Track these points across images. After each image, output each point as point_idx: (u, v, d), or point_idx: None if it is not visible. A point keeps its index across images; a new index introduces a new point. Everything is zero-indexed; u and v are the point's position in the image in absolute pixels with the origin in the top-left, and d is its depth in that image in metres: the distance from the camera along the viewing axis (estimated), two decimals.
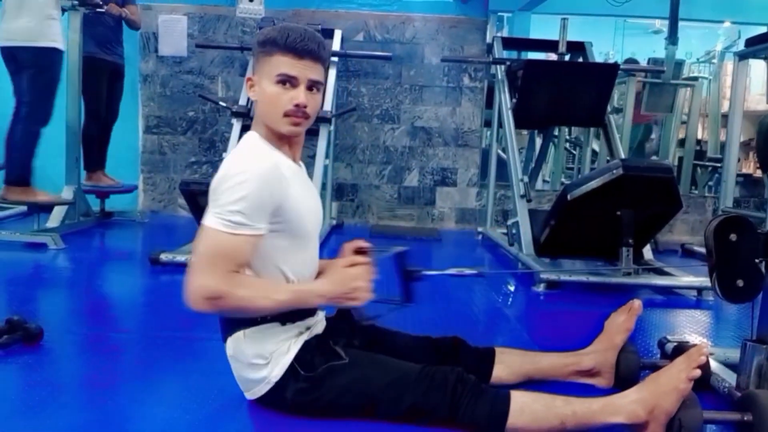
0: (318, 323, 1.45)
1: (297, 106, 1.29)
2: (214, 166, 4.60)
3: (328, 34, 4.19)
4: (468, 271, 2.59)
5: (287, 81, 1.29)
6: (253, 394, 1.37)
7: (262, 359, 1.33)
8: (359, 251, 1.41)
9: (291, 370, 1.32)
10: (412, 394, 1.30)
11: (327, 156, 3.93)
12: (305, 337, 1.37)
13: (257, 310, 1.28)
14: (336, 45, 4.15)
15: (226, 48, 4.36)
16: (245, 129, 3.61)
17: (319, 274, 1.42)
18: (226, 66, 4.66)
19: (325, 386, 1.32)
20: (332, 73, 3.93)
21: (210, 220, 1.24)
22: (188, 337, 1.92)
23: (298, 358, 1.32)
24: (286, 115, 1.30)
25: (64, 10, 3.46)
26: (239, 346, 1.34)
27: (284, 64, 1.28)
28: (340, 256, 1.43)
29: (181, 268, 2.82)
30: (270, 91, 1.30)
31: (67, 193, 3.65)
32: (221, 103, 3.99)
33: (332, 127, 4.05)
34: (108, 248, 3.82)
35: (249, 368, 1.35)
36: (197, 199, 2.95)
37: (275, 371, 1.32)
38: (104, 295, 2.66)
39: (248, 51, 3.95)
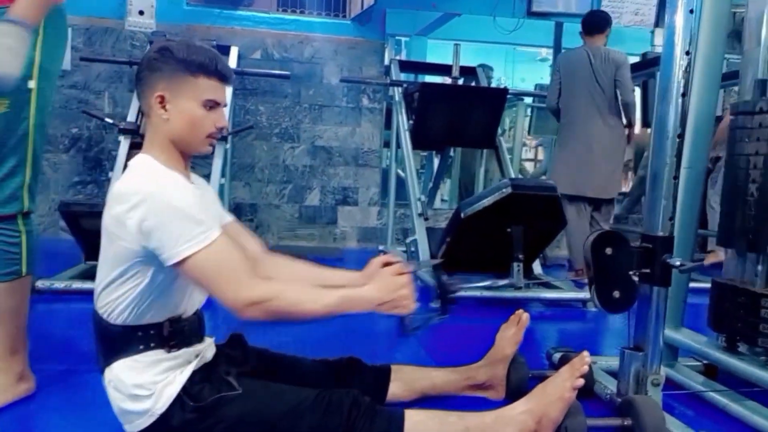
0: (207, 350, 1.38)
1: (219, 128, 1.33)
2: (100, 185, 4.34)
3: (224, 50, 4.09)
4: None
5: (213, 106, 1.32)
6: (134, 426, 1.28)
7: (145, 390, 1.25)
8: (388, 265, 1.38)
9: (178, 402, 1.25)
10: (309, 421, 1.27)
11: (223, 175, 3.82)
12: (193, 366, 1.30)
13: (307, 313, 1.26)
14: (232, 62, 4.06)
15: (114, 62, 4.15)
16: (134, 147, 3.43)
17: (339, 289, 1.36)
18: (113, 81, 4.43)
19: (216, 417, 1.25)
20: (228, 90, 3.83)
21: (180, 251, 1.18)
22: (66, 369, 1.79)
23: (185, 388, 1.26)
24: (209, 136, 1.32)
25: None
26: (119, 375, 1.26)
27: (212, 89, 1.31)
28: (367, 269, 1.41)
29: (59, 295, 2.63)
30: (196, 114, 1.30)
31: None
32: (107, 119, 3.76)
33: (229, 146, 3.94)
34: None
35: (129, 400, 1.26)
36: (79, 221, 2.76)
37: (159, 403, 1.25)
38: None
39: (138, 66, 3.77)
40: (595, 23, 3.47)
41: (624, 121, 3.46)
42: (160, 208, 1.19)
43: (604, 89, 3.37)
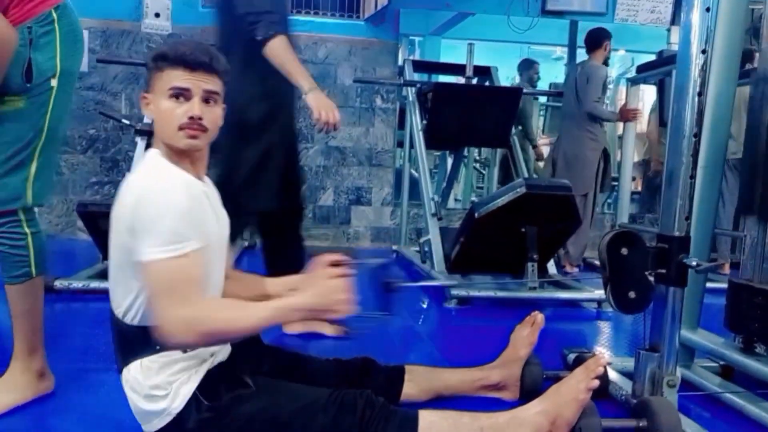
0: (222, 349, 1.39)
1: (191, 118, 1.26)
2: (117, 186, 4.36)
3: None
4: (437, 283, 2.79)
5: (180, 94, 1.26)
6: (151, 426, 1.29)
7: (161, 390, 1.26)
8: (334, 264, 1.34)
9: (193, 401, 1.26)
10: (322, 420, 1.27)
11: None
12: (208, 365, 1.31)
13: (239, 331, 1.24)
14: None
15: (130, 63, 4.19)
16: (150, 147, 3.47)
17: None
18: (130, 82, 4.48)
19: (231, 415, 1.26)
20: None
21: (148, 253, 1.17)
22: (84, 368, 1.81)
23: (200, 387, 1.27)
24: (181, 128, 1.26)
25: None
26: (135, 376, 1.27)
27: (176, 77, 1.26)
28: (311, 270, 1.37)
29: (77, 295, 2.67)
30: (164, 107, 1.27)
31: None
32: (124, 120, 3.81)
33: None
34: None
35: (147, 400, 1.27)
36: (96, 222, 2.80)
37: (176, 403, 1.26)
38: None
39: None
40: (591, 40, 3.88)
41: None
42: (147, 210, 1.19)
43: (579, 99, 3.80)
